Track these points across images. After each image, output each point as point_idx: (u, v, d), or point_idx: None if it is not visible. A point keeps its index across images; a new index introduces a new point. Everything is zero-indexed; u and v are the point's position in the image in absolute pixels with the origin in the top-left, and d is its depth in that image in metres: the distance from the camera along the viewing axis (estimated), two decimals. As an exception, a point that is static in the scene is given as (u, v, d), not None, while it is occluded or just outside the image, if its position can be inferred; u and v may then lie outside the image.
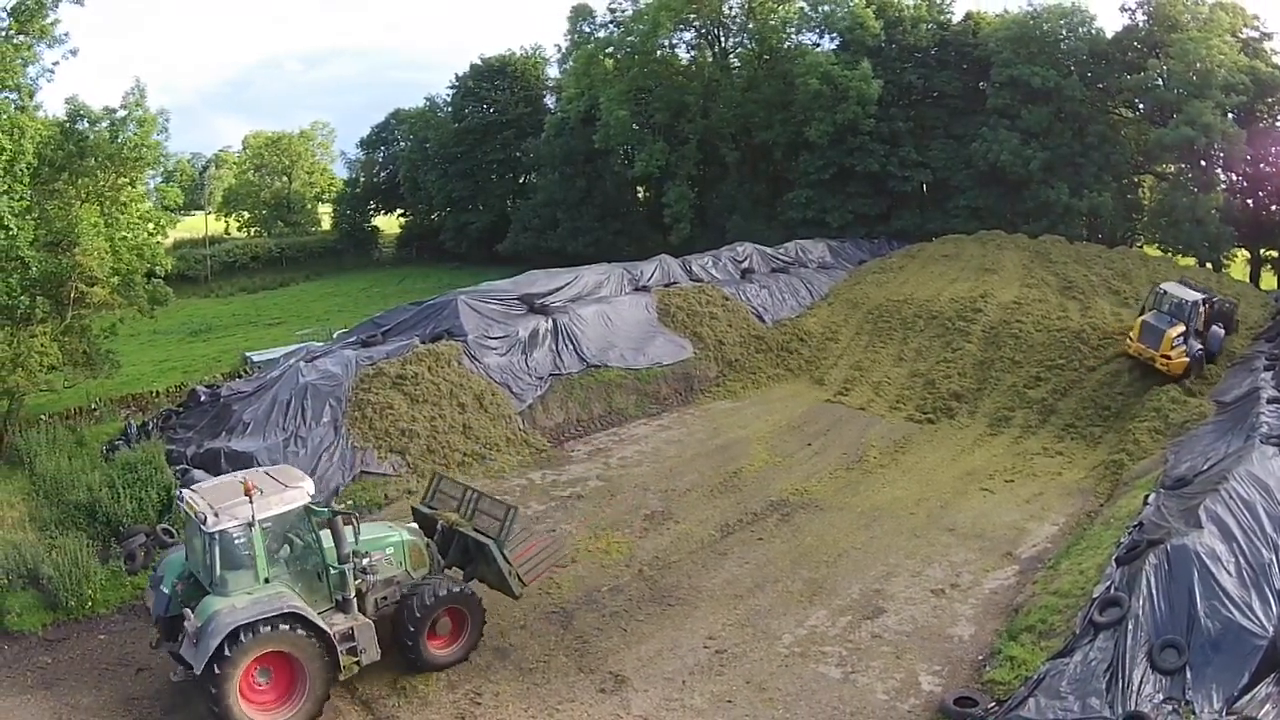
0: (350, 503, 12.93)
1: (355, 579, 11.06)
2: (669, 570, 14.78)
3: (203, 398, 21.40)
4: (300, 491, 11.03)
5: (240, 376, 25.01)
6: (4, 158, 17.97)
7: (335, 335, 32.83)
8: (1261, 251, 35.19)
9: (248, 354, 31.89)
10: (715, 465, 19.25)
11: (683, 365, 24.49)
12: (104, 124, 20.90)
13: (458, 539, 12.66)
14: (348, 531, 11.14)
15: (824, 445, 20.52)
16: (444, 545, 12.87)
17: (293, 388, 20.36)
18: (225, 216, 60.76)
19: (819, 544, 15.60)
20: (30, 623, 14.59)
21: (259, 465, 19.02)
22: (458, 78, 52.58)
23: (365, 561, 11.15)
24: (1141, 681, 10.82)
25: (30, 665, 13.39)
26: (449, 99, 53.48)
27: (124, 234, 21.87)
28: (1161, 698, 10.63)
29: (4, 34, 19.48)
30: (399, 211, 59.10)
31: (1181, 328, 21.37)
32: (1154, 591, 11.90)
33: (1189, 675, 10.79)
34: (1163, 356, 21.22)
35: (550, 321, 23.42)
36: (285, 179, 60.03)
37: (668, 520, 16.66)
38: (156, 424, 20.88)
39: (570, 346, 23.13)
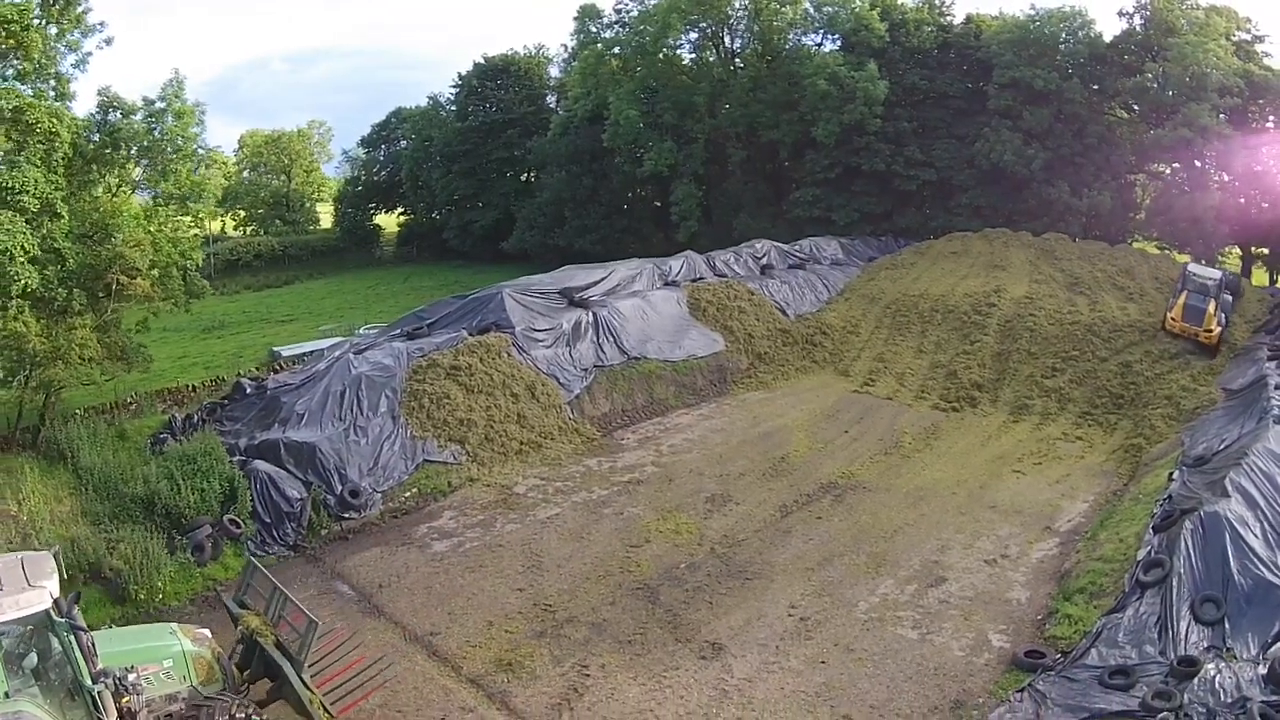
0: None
1: (124, 696, 9.20)
2: (739, 547, 16.10)
3: (248, 390, 21.99)
4: (41, 593, 8.97)
5: (279, 370, 25.68)
6: (43, 147, 17.98)
7: (361, 330, 33.74)
8: (1253, 249, 37.33)
9: (275, 349, 32.56)
10: (761, 451, 20.62)
11: (716, 358, 25.87)
12: (136, 116, 21.01)
13: (260, 650, 11.11)
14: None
15: (860, 432, 21.99)
16: (250, 652, 11.30)
17: (346, 379, 21.09)
18: (222, 215, 61.05)
19: (874, 521, 17.03)
20: (98, 617, 14.50)
21: (320, 455, 19.92)
22: (460, 77, 53.55)
23: (131, 678, 9.22)
24: (1187, 631, 12.37)
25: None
26: (452, 98, 54.34)
27: (162, 226, 22.05)
28: (1205, 645, 12.18)
29: (39, 22, 19.29)
30: (399, 210, 59.77)
31: (1214, 304, 24.45)
32: (1192, 553, 13.48)
33: (1227, 626, 12.37)
34: (1205, 331, 24.18)
35: (591, 315, 24.62)
36: (285, 178, 60.40)
37: (728, 502, 17.99)
38: (202, 417, 21.34)
39: (611, 339, 24.35)
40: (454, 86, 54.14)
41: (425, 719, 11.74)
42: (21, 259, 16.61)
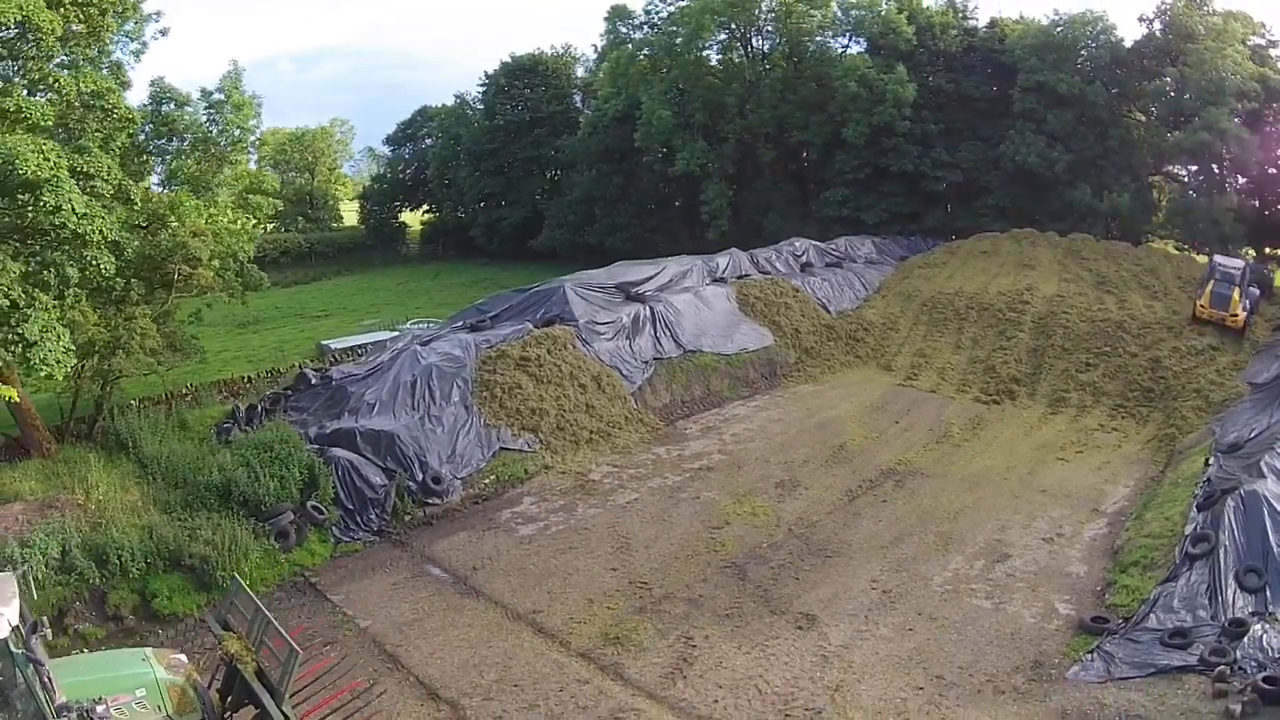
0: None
1: None
2: (815, 528, 17.66)
3: (313, 380, 22.66)
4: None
5: (336, 363, 25.82)
6: (100, 135, 17.82)
7: (409, 324, 35.08)
8: (1267, 250, 38.95)
9: (324, 342, 33.75)
10: (820, 441, 22.18)
11: (766, 351, 27.44)
12: (188, 107, 21.35)
13: (241, 677, 10.58)
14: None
15: (910, 423, 23.56)
16: (233, 677, 10.80)
17: (415, 369, 22.01)
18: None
19: (935, 504, 18.60)
20: (184, 605, 15.33)
21: (399, 443, 20.38)
22: (487, 75, 54.83)
23: (100, 710, 8.84)
24: (1234, 598, 13.95)
25: (199, 647, 13.95)
26: (479, 96, 55.67)
27: (221, 217, 22.11)
28: (1250, 610, 13.76)
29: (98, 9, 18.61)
30: (424, 208, 61.10)
31: (1239, 291, 26.45)
32: (1234, 528, 15.04)
33: (1269, 592, 13.93)
34: (1231, 316, 26.24)
35: (648, 309, 26.08)
36: (308, 175, 61.69)
37: (797, 487, 19.54)
38: (266, 406, 21.67)
39: (668, 333, 25.85)
40: (481, 85, 55.51)
41: (543, 691, 12.74)
42: (99, 242, 16.48)
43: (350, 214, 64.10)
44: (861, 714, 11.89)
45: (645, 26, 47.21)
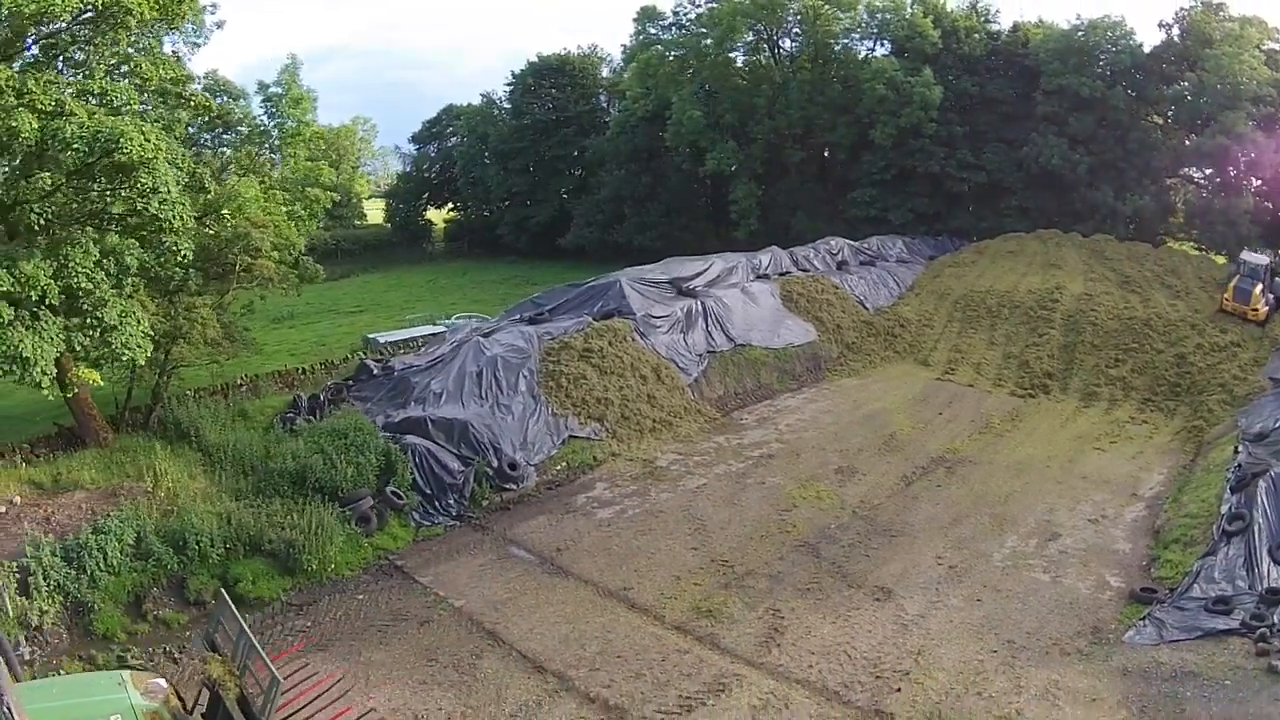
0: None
1: None
2: (878, 510, 19.25)
3: (375, 371, 23.44)
4: None
5: (381, 356, 26.50)
6: (159, 125, 17.90)
7: (454, 319, 36.42)
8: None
9: (369, 336, 34.79)
10: (871, 430, 23.78)
11: (810, 346, 29.08)
12: (242, 100, 22.09)
13: (223, 705, 10.22)
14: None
15: (952, 415, 25.19)
16: (218, 702, 10.46)
17: (480, 360, 23.08)
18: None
19: (986, 489, 20.22)
20: (267, 590, 15.87)
21: (473, 431, 21.35)
22: (514, 75, 56.28)
23: None
24: (1268, 570, 15.57)
25: (287, 630, 14.43)
26: (505, 96, 57.17)
27: (277, 209, 22.79)
28: (1284, 581, 15.39)
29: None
30: (449, 206, 62.50)
31: (1261, 285, 28.32)
32: (1266, 507, 16.67)
33: (1301, 565, 15.57)
34: (1253, 310, 28.22)
35: (700, 304, 27.61)
36: (334, 172, 62.95)
37: (855, 473, 21.14)
38: (328, 396, 22.22)
39: (719, 327, 27.40)
40: (507, 85, 56.99)
41: (646, 661, 13.74)
42: (179, 228, 16.75)
43: (372, 212, 65.45)
44: (945, 674, 13.44)
45: (674, 28, 48.70)
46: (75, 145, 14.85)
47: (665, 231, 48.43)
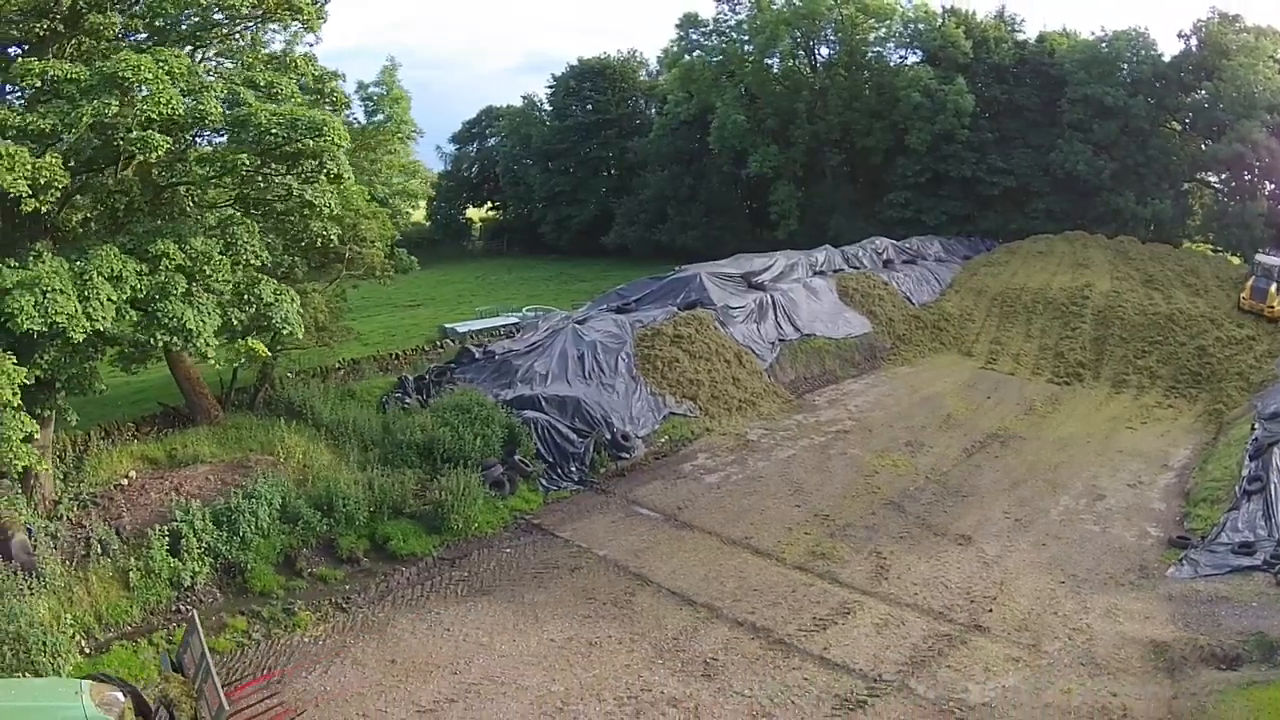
0: None
1: None
2: (947, 476, 22.80)
3: (477, 355, 26.08)
4: None
5: (458, 344, 29.14)
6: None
7: (526, 311, 39.55)
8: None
9: (445, 325, 37.71)
10: (929, 411, 27.36)
11: (866, 337, 32.65)
12: (344, 97, 22.22)
13: None
14: None
15: (999, 399, 28.78)
16: None
17: (580, 345, 25.98)
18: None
19: (1037, 460, 23.80)
20: (417, 546, 17.87)
21: (585, 406, 23.94)
22: (555, 78, 59.55)
23: None
24: (1284, 522, 19.19)
25: (447, 580, 16.09)
26: (545, 98, 60.44)
27: (380, 202, 24.67)
28: (1296, 532, 19.01)
29: None
30: (488, 205, 65.65)
31: (1276, 285, 31.72)
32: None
33: (1310, 517, 19.19)
34: (1268, 308, 31.51)
35: (769, 296, 31.08)
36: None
37: (922, 447, 24.70)
38: (433, 378, 24.21)
39: (787, 318, 30.89)
40: (549, 87, 60.26)
41: (778, 593, 16.64)
42: (328, 214, 17.85)
43: (414, 210, 68.49)
44: (1025, 599, 16.95)
45: (714, 34, 52.03)
46: (274, 131, 15.58)
47: (706, 231, 51.38)
